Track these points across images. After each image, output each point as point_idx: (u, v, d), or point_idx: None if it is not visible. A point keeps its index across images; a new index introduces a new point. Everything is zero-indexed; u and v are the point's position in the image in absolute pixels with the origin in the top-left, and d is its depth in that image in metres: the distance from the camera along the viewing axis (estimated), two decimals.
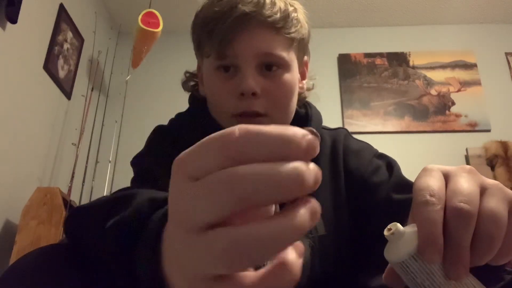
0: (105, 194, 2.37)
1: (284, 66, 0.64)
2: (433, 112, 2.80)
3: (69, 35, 2.44)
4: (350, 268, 0.63)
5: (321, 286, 0.58)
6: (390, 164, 0.68)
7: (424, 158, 2.65)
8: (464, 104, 2.81)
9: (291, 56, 0.65)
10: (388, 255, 0.32)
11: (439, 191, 0.31)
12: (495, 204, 0.31)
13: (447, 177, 0.33)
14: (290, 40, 0.64)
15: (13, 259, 1.69)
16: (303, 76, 0.73)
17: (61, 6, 2.34)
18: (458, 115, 2.78)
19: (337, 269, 0.61)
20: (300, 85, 0.71)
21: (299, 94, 0.71)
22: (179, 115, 0.74)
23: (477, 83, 2.86)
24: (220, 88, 0.63)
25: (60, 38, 2.33)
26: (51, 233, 1.75)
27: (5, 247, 1.76)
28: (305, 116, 0.71)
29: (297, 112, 0.70)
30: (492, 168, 2.56)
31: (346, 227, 0.63)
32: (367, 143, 0.75)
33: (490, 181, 0.33)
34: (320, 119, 0.74)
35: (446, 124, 2.76)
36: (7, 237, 1.79)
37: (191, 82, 0.76)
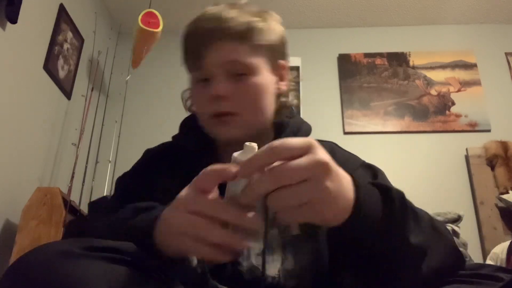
0: (105, 194, 2.38)
1: (251, 71, 0.72)
2: (433, 112, 2.80)
3: (69, 35, 2.44)
4: (331, 266, 0.66)
5: (301, 281, 0.64)
6: (375, 174, 0.71)
7: (424, 158, 2.65)
8: (464, 104, 2.81)
9: (258, 62, 0.73)
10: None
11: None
12: (294, 163, 0.41)
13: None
14: (256, 48, 0.73)
15: (13, 259, 1.69)
16: (281, 78, 0.78)
17: (61, 6, 2.35)
18: (458, 115, 2.78)
19: (314, 266, 0.66)
20: (278, 85, 0.77)
21: (280, 95, 0.78)
22: (173, 137, 0.83)
23: (477, 83, 2.86)
24: (199, 96, 0.75)
25: (60, 38, 2.33)
26: (51, 233, 1.75)
27: (5, 247, 1.76)
28: (284, 124, 0.78)
29: (280, 120, 0.78)
30: (492, 168, 2.56)
31: (323, 230, 0.67)
32: (354, 154, 0.79)
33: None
34: (300, 129, 0.78)
35: (446, 124, 2.76)
36: (7, 237, 1.79)
37: (189, 101, 0.84)
